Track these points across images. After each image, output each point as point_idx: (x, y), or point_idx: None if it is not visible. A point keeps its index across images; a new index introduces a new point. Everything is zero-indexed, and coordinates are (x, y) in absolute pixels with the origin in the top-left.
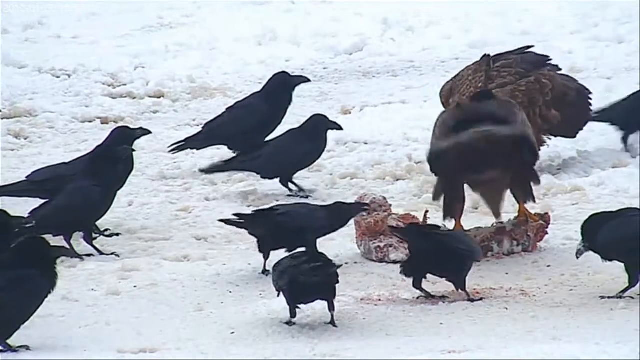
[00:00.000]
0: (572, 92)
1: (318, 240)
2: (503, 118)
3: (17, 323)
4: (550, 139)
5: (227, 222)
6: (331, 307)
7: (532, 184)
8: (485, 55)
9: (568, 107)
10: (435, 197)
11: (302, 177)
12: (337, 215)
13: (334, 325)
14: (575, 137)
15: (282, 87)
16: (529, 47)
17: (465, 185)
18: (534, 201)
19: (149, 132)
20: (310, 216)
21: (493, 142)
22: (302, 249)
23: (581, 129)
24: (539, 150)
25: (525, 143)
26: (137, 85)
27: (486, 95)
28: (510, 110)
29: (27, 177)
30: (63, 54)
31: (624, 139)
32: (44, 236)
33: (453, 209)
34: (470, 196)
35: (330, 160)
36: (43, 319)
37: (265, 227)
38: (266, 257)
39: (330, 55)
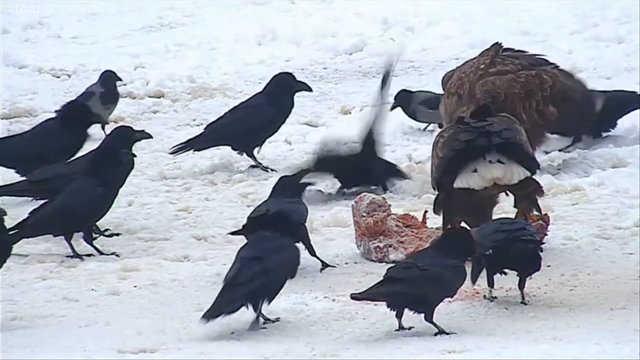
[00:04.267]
0: (575, 94)
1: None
2: (512, 150)
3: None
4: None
5: (234, 234)
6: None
7: (536, 195)
8: (496, 43)
9: (568, 107)
10: (437, 211)
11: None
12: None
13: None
14: (572, 137)
15: (285, 88)
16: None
17: None
18: (540, 211)
19: (150, 137)
20: (298, 208)
21: (502, 188)
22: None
23: (579, 132)
24: (537, 147)
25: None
26: (137, 85)
27: (485, 111)
28: (512, 127)
29: (27, 177)
30: (63, 54)
31: None
32: None
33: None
34: None
35: None
36: (43, 319)
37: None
38: None
39: (330, 55)
